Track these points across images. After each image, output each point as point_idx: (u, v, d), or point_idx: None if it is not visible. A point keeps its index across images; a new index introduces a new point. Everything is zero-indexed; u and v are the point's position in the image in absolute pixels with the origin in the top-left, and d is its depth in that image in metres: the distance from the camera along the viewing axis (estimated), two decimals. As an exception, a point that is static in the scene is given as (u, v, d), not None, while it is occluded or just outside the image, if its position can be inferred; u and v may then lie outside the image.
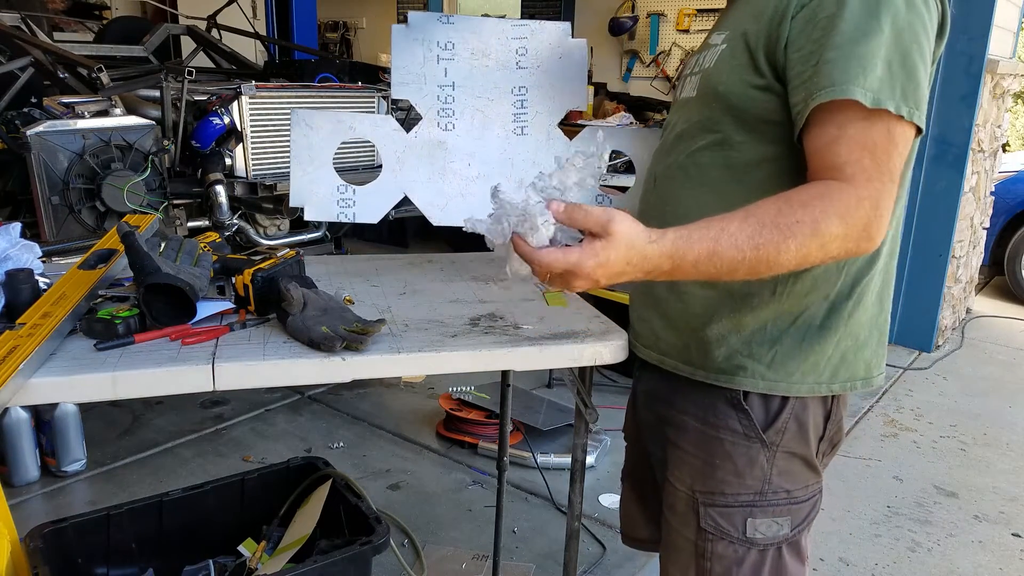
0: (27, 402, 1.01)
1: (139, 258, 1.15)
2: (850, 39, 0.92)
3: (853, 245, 0.92)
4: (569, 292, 1.00)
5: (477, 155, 1.42)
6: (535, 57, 1.42)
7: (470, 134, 1.42)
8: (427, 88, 1.41)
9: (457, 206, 1.43)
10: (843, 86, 0.91)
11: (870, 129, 0.92)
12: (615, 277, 0.92)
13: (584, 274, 0.90)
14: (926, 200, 3.95)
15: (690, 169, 1.11)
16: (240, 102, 2.89)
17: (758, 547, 1.13)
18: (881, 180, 0.92)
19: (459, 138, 1.42)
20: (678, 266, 0.91)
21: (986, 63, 3.81)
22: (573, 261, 0.89)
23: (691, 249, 0.90)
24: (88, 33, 5.01)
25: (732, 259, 0.90)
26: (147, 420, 3.06)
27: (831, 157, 0.93)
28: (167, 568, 1.55)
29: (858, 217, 0.90)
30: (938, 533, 2.53)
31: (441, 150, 1.42)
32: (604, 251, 0.89)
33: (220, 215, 2.79)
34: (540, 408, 3.03)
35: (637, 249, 0.90)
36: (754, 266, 0.91)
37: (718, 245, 0.90)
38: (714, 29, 1.16)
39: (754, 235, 0.90)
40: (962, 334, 4.55)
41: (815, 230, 0.89)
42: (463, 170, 1.42)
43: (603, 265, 0.90)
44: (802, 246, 0.90)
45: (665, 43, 6.23)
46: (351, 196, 1.41)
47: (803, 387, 1.08)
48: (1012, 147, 9.35)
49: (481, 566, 2.22)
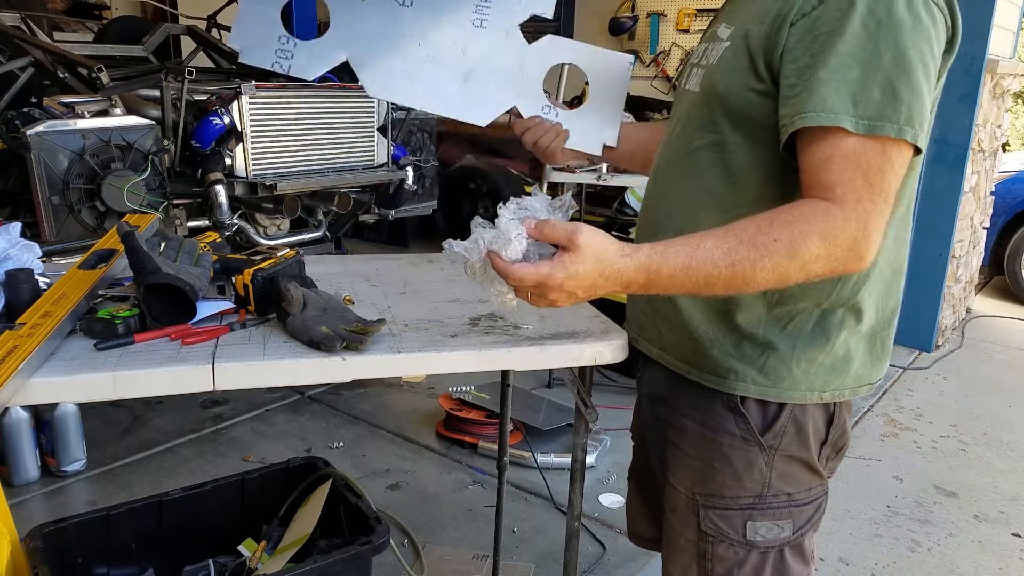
0: (27, 402, 1.01)
1: (139, 258, 1.15)
2: (845, 64, 0.90)
3: (840, 265, 0.92)
4: (554, 308, 1.01)
5: (430, 38, 1.37)
6: None
7: (428, 13, 1.36)
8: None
9: (400, 85, 1.37)
10: (833, 114, 0.90)
11: (865, 150, 0.91)
12: (590, 290, 0.94)
13: (556, 286, 0.93)
14: (926, 200, 3.95)
15: (688, 167, 1.10)
16: (240, 102, 2.89)
17: (759, 549, 1.13)
18: (872, 200, 0.91)
19: (415, 13, 1.36)
20: (653, 280, 0.93)
21: (986, 63, 3.81)
22: (544, 273, 0.93)
23: (666, 263, 0.92)
24: (88, 33, 5.01)
25: (707, 274, 0.91)
26: (147, 420, 3.06)
27: (823, 175, 0.92)
28: (167, 568, 1.55)
29: (843, 238, 0.90)
30: (938, 533, 2.53)
31: (394, 23, 1.36)
32: (573, 264, 0.92)
33: (220, 215, 2.79)
34: (540, 408, 3.03)
35: (608, 262, 0.92)
36: (730, 282, 0.91)
37: (693, 260, 0.91)
38: (722, 19, 1.13)
39: (730, 252, 0.90)
40: (962, 334, 4.55)
41: (792, 250, 0.90)
42: (412, 49, 1.37)
43: (573, 277, 0.92)
44: (779, 265, 0.90)
45: (665, 43, 6.23)
46: (291, 48, 1.36)
47: (795, 394, 1.08)
48: (1012, 147, 9.35)
49: (481, 566, 2.22)
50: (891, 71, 0.90)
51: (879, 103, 0.90)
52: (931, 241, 4.02)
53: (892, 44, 0.90)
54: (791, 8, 0.95)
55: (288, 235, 3.31)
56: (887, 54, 0.90)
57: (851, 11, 0.91)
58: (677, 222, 1.10)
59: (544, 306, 0.98)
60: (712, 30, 1.16)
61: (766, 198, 1.03)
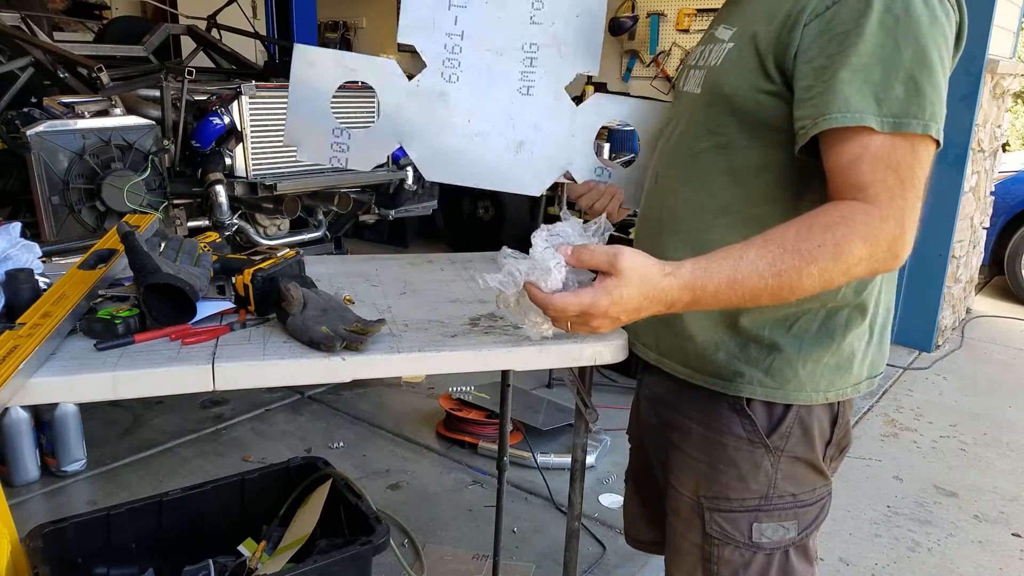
0: (27, 402, 1.01)
1: (139, 258, 1.15)
2: (866, 64, 0.90)
3: (880, 265, 0.91)
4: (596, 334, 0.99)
5: (478, 111, 1.36)
6: (551, 13, 1.34)
7: (474, 89, 1.35)
8: (435, 35, 1.33)
9: (453, 162, 1.37)
10: (858, 113, 0.90)
11: (895, 148, 0.90)
12: (635, 313, 0.92)
13: (600, 313, 0.90)
14: (926, 200, 3.94)
15: (691, 171, 1.10)
16: (240, 102, 2.89)
17: (765, 551, 1.12)
18: (905, 197, 0.91)
19: (462, 91, 1.35)
20: (698, 298, 0.90)
21: (986, 63, 3.81)
22: (587, 302, 0.90)
23: (711, 280, 0.89)
24: (88, 33, 5.00)
25: (754, 287, 0.89)
26: (147, 420, 3.06)
27: (854, 176, 0.91)
28: (167, 568, 1.55)
29: (883, 237, 0.89)
30: (938, 533, 2.53)
31: (442, 102, 1.35)
32: (617, 288, 0.89)
33: (220, 215, 2.79)
34: (540, 408, 3.02)
35: (652, 283, 0.89)
36: (776, 292, 0.89)
37: (738, 273, 0.89)
38: (720, 21, 1.13)
39: (775, 261, 0.88)
40: (962, 334, 4.55)
41: (837, 254, 0.88)
42: (463, 126, 1.36)
43: (618, 302, 0.89)
44: (824, 270, 0.89)
45: (665, 43, 6.23)
46: (346, 140, 1.34)
47: (801, 395, 1.08)
48: (1012, 147, 9.35)
49: (481, 566, 2.22)
50: (913, 68, 0.90)
51: (903, 100, 0.90)
52: (931, 241, 4.01)
53: (912, 41, 0.90)
54: (803, 8, 0.95)
55: (288, 235, 3.31)
56: (908, 51, 0.90)
57: (868, 10, 0.90)
58: (682, 224, 1.10)
59: (585, 332, 0.95)
60: (711, 32, 1.15)
61: (775, 199, 1.02)
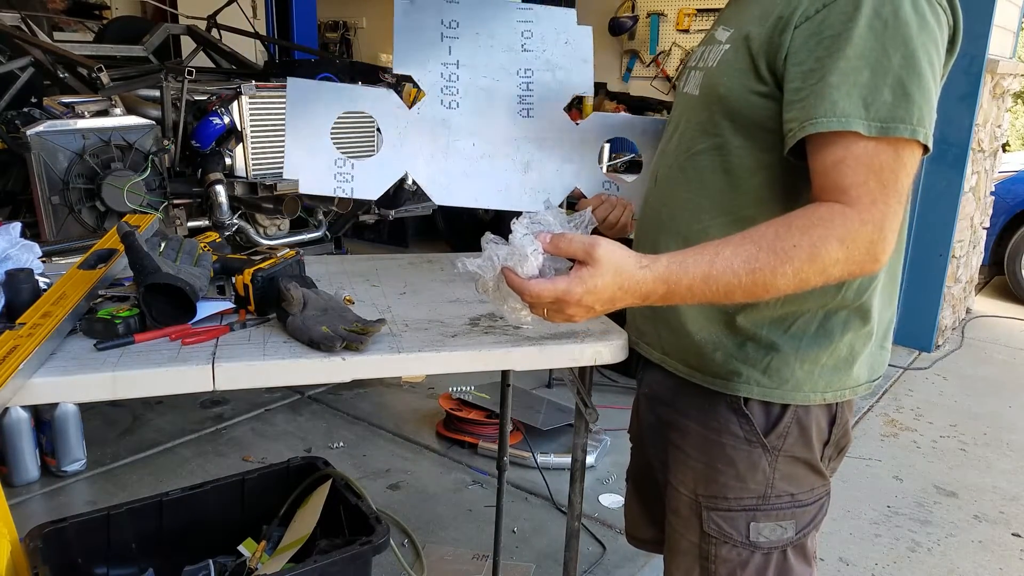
0: (27, 402, 1.01)
1: (139, 258, 1.15)
2: (854, 67, 0.90)
3: (857, 268, 0.92)
4: (572, 323, 0.99)
5: (481, 134, 1.38)
6: (541, 41, 1.38)
7: (474, 113, 1.37)
8: (430, 65, 1.35)
9: (461, 185, 1.38)
10: (844, 117, 0.90)
11: (878, 152, 0.91)
12: (608, 303, 0.93)
13: (574, 301, 0.91)
14: (926, 200, 3.95)
15: (689, 172, 1.10)
16: (240, 102, 2.89)
17: (762, 551, 1.13)
18: (887, 202, 0.91)
19: (463, 117, 1.37)
20: (672, 291, 0.91)
21: (986, 63, 3.81)
22: (562, 288, 0.91)
23: (685, 273, 0.90)
24: (88, 33, 5.01)
25: (728, 283, 0.90)
26: (147, 420, 3.06)
27: (836, 178, 0.92)
28: (167, 568, 1.55)
29: (861, 241, 0.90)
30: (938, 533, 2.53)
31: (444, 128, 1.36)
32: (592, 278, 0.90)
33: (220, 215, 2.79)
34: (540, 408, 3.02)
35: (627, 274, 0.90)
36: (750, 289, 0.90)
37: (713, 269, 0.90)
38: (721, 22, 1.13)
39: (750, 259, 0.89)
40: (962, 334, 4.55)
41: (813, 255, 0.89)
42: (467, 149, 1.38)
43: (592, 292, 0.90)
44: (799, 271, 0.89)
45: (665, 43, 6.22)
46: (349, 171, 1.34)
47: (798, 395, 1.08)
48: (1012, 147, 9.35)
49: (481, 566, 2.22)
50: (901, 72, 0.90)
51: (891, 105, 0.90)
52: (931, 241, 4.01)
53: (901, 45, 0.90)
54: (794, 11, 0.95)
55: (288, 235, 3.31)
56: (896, 55, 0.90)
57: (856, 14, 0.90)
58: (680, 225, 1.10)
59: (560, 321, 0.96)
60: (711, 33, 1.15)
61: (769, 200, 1.03)
